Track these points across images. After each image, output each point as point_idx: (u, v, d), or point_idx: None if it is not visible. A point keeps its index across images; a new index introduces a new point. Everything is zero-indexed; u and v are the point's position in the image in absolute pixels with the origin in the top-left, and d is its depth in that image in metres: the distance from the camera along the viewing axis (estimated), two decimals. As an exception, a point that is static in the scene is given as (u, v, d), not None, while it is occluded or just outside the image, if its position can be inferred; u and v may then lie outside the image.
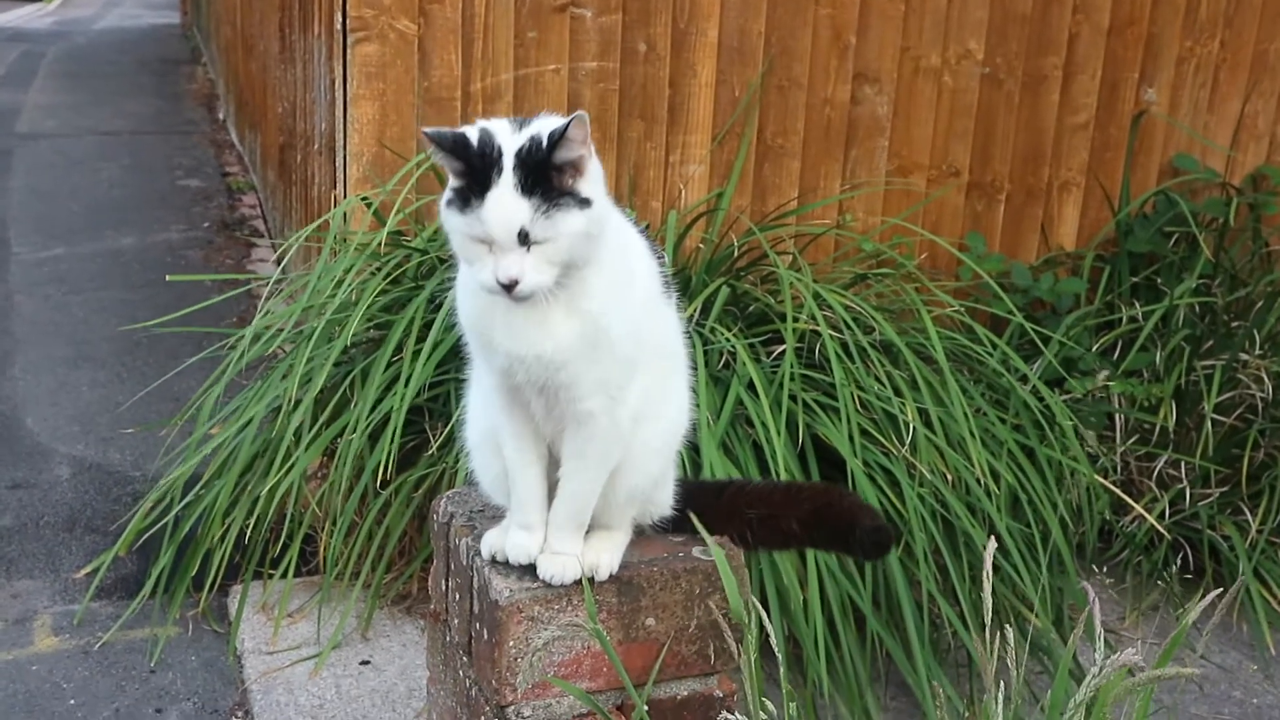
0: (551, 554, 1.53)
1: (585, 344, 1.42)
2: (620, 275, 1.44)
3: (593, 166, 1.38)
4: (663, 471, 1.59)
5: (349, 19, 2.96)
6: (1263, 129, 3.77)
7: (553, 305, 1.39)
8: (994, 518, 2.65)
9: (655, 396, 1.53)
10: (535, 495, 1.53)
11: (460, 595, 1.61)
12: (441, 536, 1.68)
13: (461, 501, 1.71)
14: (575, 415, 1.47)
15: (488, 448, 1.59)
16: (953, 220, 3.54)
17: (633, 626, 1.54)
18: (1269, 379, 3.33)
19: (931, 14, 3.37)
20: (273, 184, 4.78)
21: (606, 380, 1.45)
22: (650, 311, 1.51)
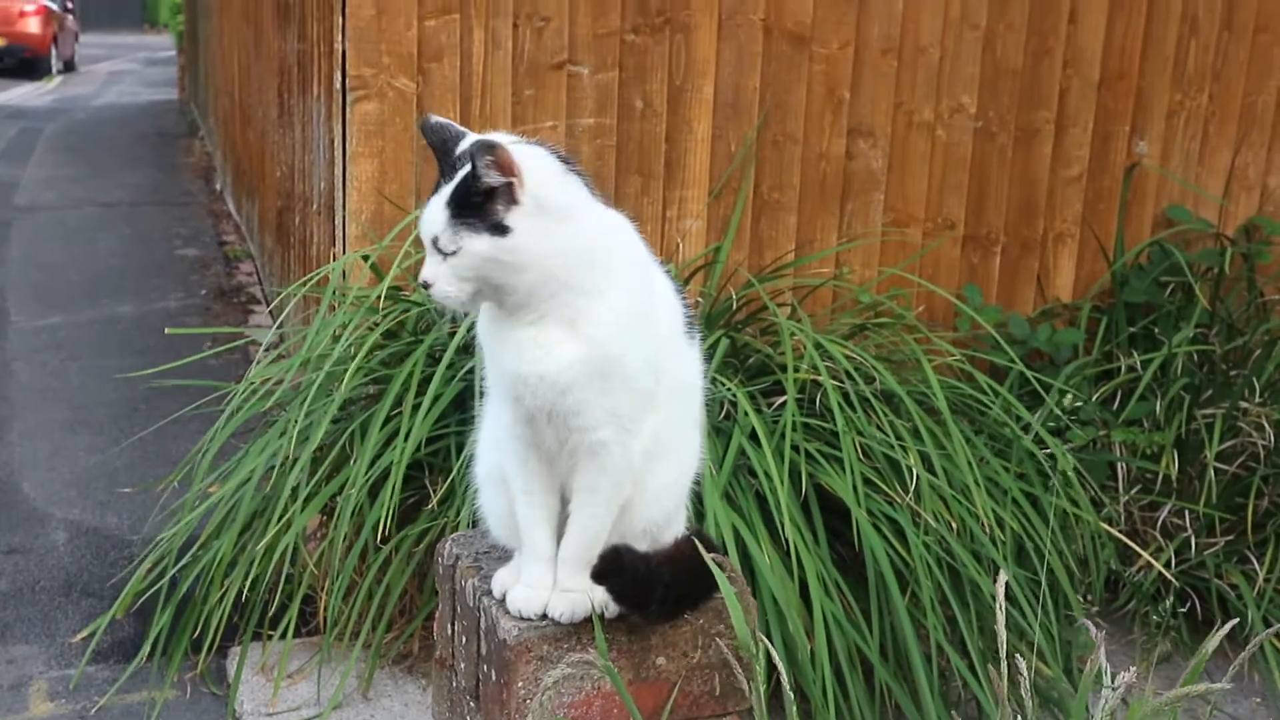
0: (561, 591, 1.51)
1: (592, 371, 1.43)
2: (635, 308, 1.46)
3: (533, 199, 1.38)
4: (675, 508, 1.58)
5: (348, 78, 2.99)
6: (1253, 179, 3.80)
7: (547, 326, 1.42)
8: (1000, 565, 2.62)
9: (670, 433, 1.53)
10: (545, 545, 1.53)
11: (467, 638, 1.59)
12: (447, 579, 1.66)
13: (467, 543, 1.69)
14: (588, 446, 1.47)
15: (496, 485, 1.58)
16: (949, 272, 3.56)
17: (643, 665, 1.51)
18: (1270, 426, 3.33)
19: (924, 69, 3.41)
20: (270, 249, 4.79)
21: (618, 411, 1.45)
22: (671, 350, 1.52)
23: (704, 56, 3.24)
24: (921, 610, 2.54)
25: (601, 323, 1.43)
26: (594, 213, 1.45)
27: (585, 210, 1.44)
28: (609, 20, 3.15)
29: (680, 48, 3.22)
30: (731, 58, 3.26)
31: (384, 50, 3.00)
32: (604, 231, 1.45)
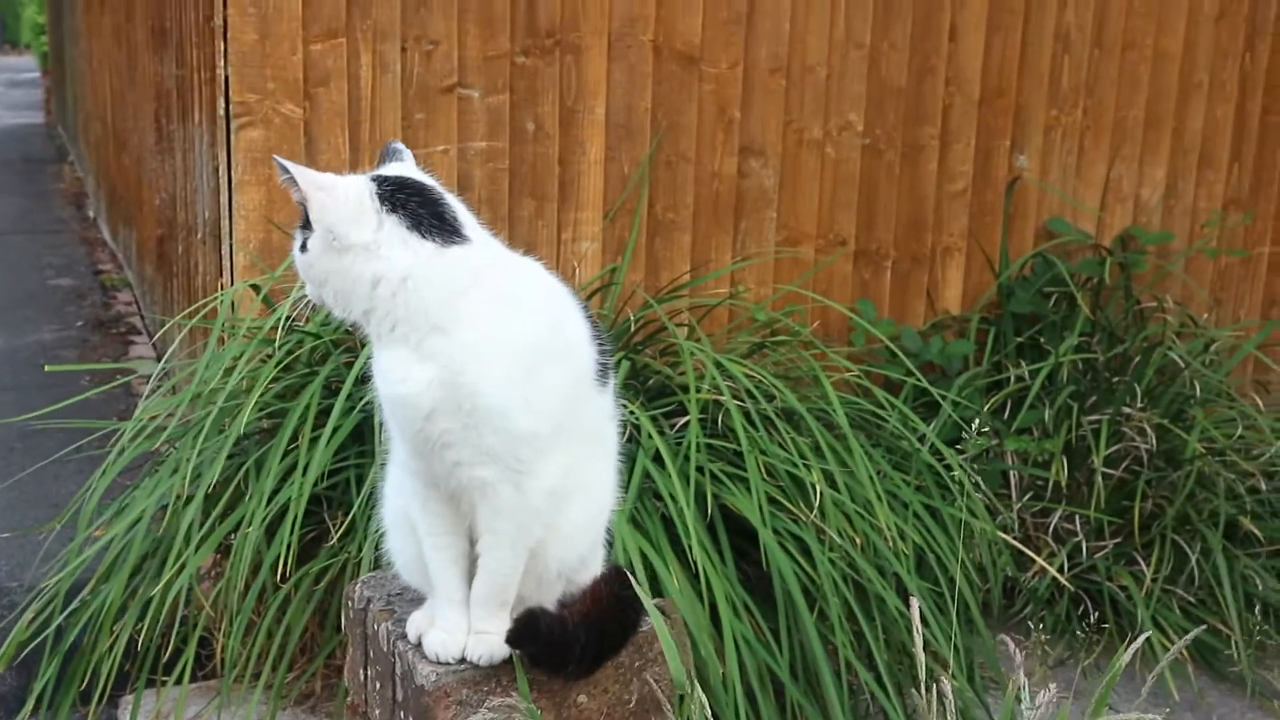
0: (477, 634, 1.48)
1: (449, 399, 1.43)
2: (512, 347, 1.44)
3: (322, 227, 1.45)
4: (590, 550, 1.56)
5: (232, 105, 2.92)
6: (1127, 191, 3.92)
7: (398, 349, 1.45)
8: (904, 578, 2.66)
9: (581, 475, 1.52)
10: (456, 588, 1.50)
11: (381, 684, 1.55)
12: (358, 623, 1.62)
13: (378, 585, 1.65)
14: (472, 484, 1.46)
15: (403, 528, 1.55)
16: (841, 288, 3.60)
17: (564, 705, 1.49)
18: (1152, 431, 3.43)
19: (811, 88, 3.45)
20: (150, 278, 4.66)
21: (496, 451, 1.44)
22: (576, 395, 1.50)
23: (595, 78, 3.23)
24: (829, 627, 2.56)
25: (448, 354, 1.43)
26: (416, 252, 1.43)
27: (395, 249, 1.44)
28: (498, 42, 3.13)
29: (571, 69, 3.21)
30: (622, 79, 3.26)
31: (269, 76, 2.94)
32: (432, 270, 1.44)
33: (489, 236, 1.53)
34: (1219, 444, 3.50)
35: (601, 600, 1.48)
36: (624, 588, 1.51)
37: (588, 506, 1.54)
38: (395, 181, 1.47)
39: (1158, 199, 3.94)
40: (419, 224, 1.44)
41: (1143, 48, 3.83)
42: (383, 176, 1.49)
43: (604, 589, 1.50)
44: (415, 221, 1.44)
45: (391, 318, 1.43)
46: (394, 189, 1.46)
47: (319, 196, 1.43)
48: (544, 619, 1.45)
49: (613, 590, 1.50)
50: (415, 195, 1.46)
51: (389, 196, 1.45)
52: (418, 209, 1.45)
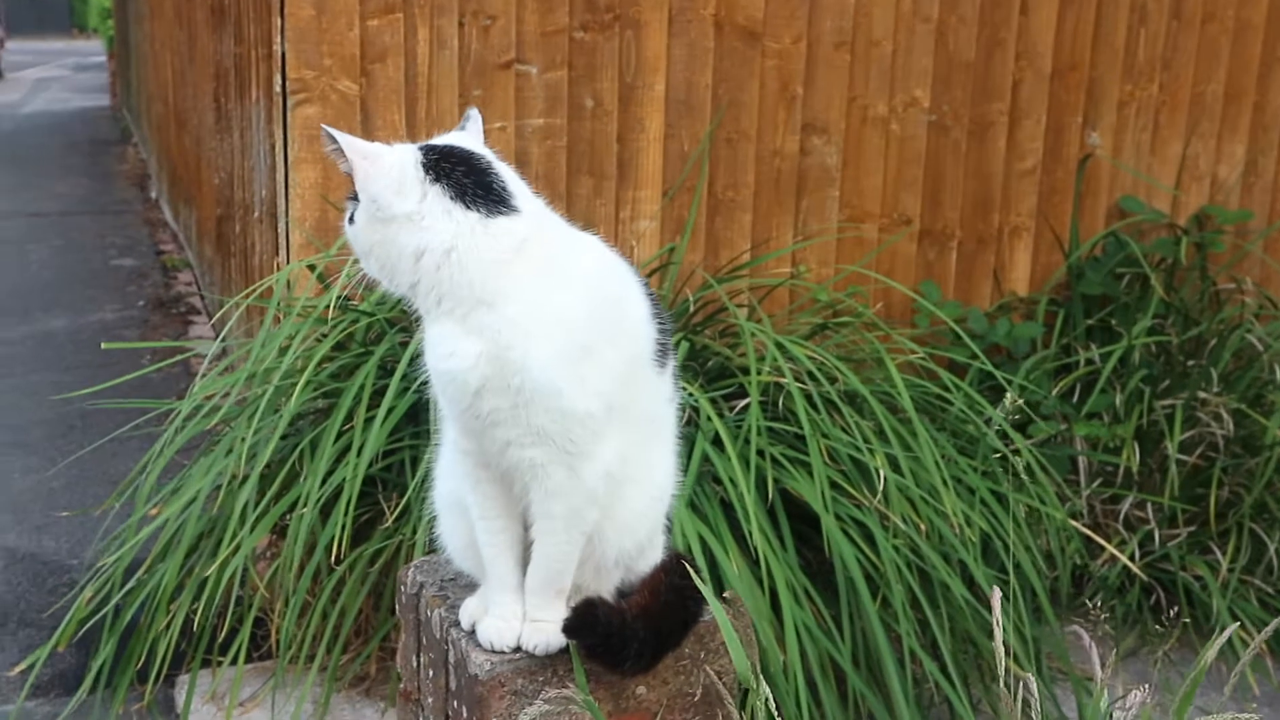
0: (533, 622, 1.44)
1: (496, 373, 1.38)
2: (562, 324, 1.38)
3: (367, 196, 1.41)
4: (650, 536, 1.51)
5: (288, 81, 2.89)
6: (1204, 169, 3.80)
7: (446, 323, 1.41)
8: (970, 566, 2.58)
9: (639, 460, 1.46)
10: (510, 574, 1.46)
11: (435, 671, 1.50)
12: (411, 609, 1.58)
13: (431, 570, 1.61)
14: (523, 465, 1.41)
15: (455, 511, 1.50)
16: (905, 269, 3.52)
17: (622, 696, 1.44)
18: (1228, 416, 3.32)
19: (877, 63, 3.36)
20: (210, 258, 4.66)
21: (546, 430, 1.39)
22: (633, 375, 1.44)
23: (655, 53, 3.17)
24: (892, 615, 2.49)
25: (495, 328, 1.38)
26: (460, 222, 1.39)
27: (440, 219, 1.39)
28: (557, 17, 3.07)
29: (630, 45, 3.15)
30: (683, 54, 3.19)
31: (325, 52, 2.90)
32: (477, 242, 1.39)
33: (544, 208, 1.48)
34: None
35: (660, 592, 1.43)
36: (683, 578, 1.45)
37: (646, 492, 1.48)
38: (442, 150, 1.43)
39: (1236, 176, 3.81)
40: (463, 194, 1.39)
41: (1224, 19, 3.69)
42: (430, 145, 1.44)
43: (662, 579, 1.45)
44: (459, 191, 1.39)
45: (437, 291, 1.39)
46: (439, 158, 1.41)
47: (364, 165, 1.39)
48: (602, 609, 1.39)
49: (672, 581, 1.44)
50: (461, 164, 1.41)
51: (434, 165, 1.40)
52: (463, 178, 1.40)
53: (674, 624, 1.43)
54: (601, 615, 1.38)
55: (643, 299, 1.48)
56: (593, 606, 1.39)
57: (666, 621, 1.42)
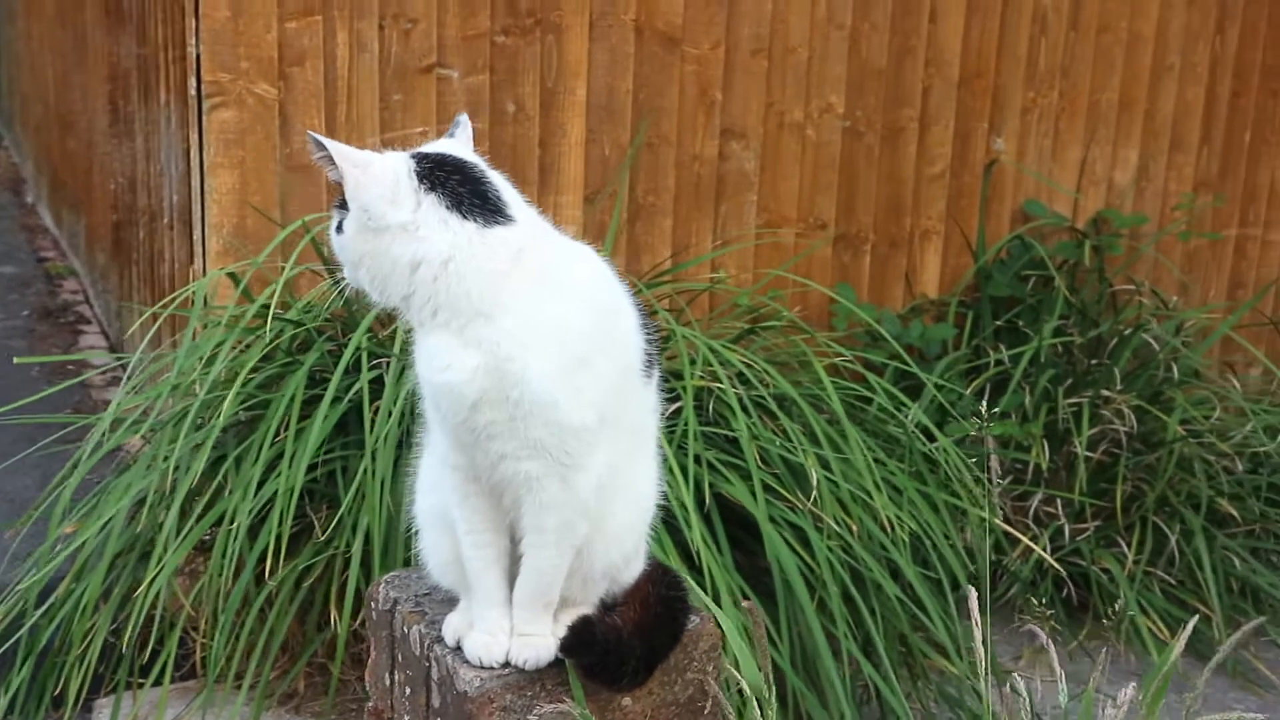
0: (521, 636, 1.42)
1: (494, 385, 1.36)
2: (558, 336, 1.37)
3: (357, 205, 1.39)
4: (635, 548, 1.51)
5: (204, 84, 2.81)
6: (1101, 174, 3.92)
7: (442, 335, 1.39)
8: (902, 566, 2.63)
9: (626, 470, 1.46)
10: (497, 589, 1.44)
11: (412, 689, 1.48)
12: (384, 625, 1.55)
13: (403, 585, 1.58)
14: (517, 478, 1.39)
15: (438, 526, 1.48)
16: (821, 272, 3.56)
17: (609, 708, 1.43)
18: (1130, 413, 3.44)
19: (793, 70, 3.41)
20: (103, 265, 4.51)
21: (542, 443, 1.37)
22: (624, 386, 1.44)
23: (576, 58, 3.16)
24: (828, 615, 2.53)
25: (494, 340, 1.37)
26: (458, 233, 1.37)
27: (435, 230, 1.37)
28: (478, 21, 3.04)
29: (552, 49, 3.13)
30: (604, 59, 3.19)
31: (242, 54, 2.83)
32: (473, 253, 1.37)
33: (536, 217, 1.47)
34: (1196, 426, 3.51)
35: (650, 605, 1.42)
36: (670, 589, 1.45)
37: (633, 503, 1.48)
38: (435, 159, 1.41)
39: (1130, 181, 3.95)
40: (459, 203, 1.37)
41: (1117, 30, 3.82)
42: (422, 154, 1.42)
43: (650, 591, 1.44)
44: (455, 201, 1.37)
45: (433, 303, 1.37)
46: (433, 166, 1.39)
47: (354, 174, 1.36)
48: (600, 627, 1.38)
49: (660, 593, 1.44)
50: (455, 173, 1.39)
51: (427, 174, 1.38)
52: (458, 187, 1.38)
53: (665, 637, 1.43)
54: (599, 633, 1.37)
55: (632, 308, 1.47)
56: (590, 624, 1.38)
57: (659, 635, 1.42)
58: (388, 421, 2.44)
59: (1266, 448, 3.49)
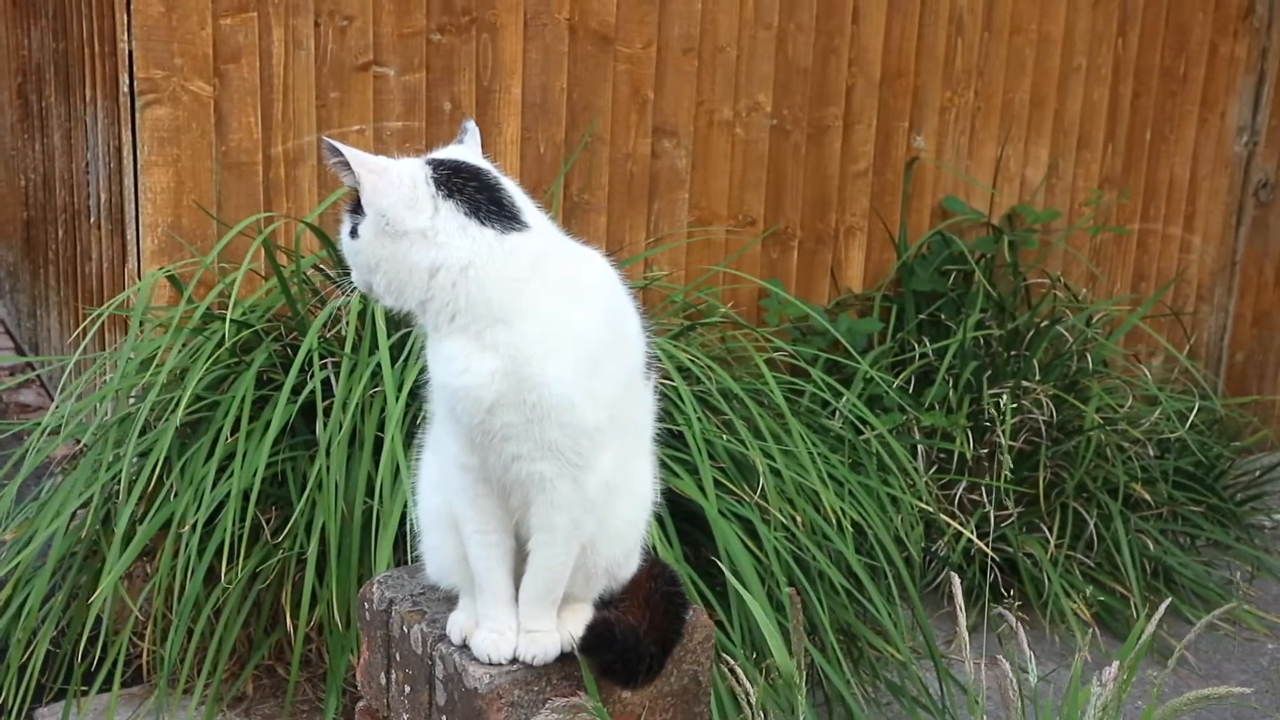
0: (527, 633, 1.44)
1: (511, 389, 1.38)
2: (575, 339, 1.40)
3: (374, 210, 1.41)
4: (635, 544, 1.54)
5: (137, 81, 2.76)
6: (1014, 171, 4.05)
7: (459, 339, 1.40)
8: (846, 555, 2.70)
9: (628, 469, 1.49)
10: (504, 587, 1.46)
11: (413, 687, 1.49)
12: (379, 625, 1.55)
13: (397, 585, 1.59)
14: (530, 478, 1.42)
15: (442, 526, 1.49)
16: (751, 268, 3.62)
17: (609, 701, 1.46)
18: (1049, 402, 3.57)
19: (722, 69, 3.46)
20: (12, 264, 4.38)
21: (557, 444, 1.40)
22: (628, 387, 1.47)
23: (511, 56, 3.17)
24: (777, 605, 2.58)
25: (513, 344, 1.39)
26: (477, 238, 1.39)
27: (454, 235, 1.39)
28: (414, 19, 3.03)
29: (487, 48, 3.14)
30: (538, 58, 3.20)
31: (176, 51, 2.79)
32: (491, 258, 1.39)
33: (547, 222, 1.49)
34: (1109, 414, 3.66)
35: (657, 603, 1.45)
36: (670, 584, 1.48)
37: (634, 502, 1.51)
38: (451, 165, 1.42)
39: (1041, 178, 4.08)
40: (477, 210, 1.39)
41: (1028, 31, 3.95)
42: (437, 160, 1.43)
43: (652, 587, 1.48)
44: (473, 207, 1.39)
45: (451, 307, 1.38)
46: (450, 173, 1.40)
47: (371, 179, 1.37)
48: (618, 627, 1.41)
49: (662, 589, 1.47)
50: (472, 180, 1.41)
51: (445, 181, 1.39)
52: (475, 194, 1.39)
53: (672, 634, 1.46)
54: (618, 633, 1.40)
55: (635, 311, 1.50)
56: (608, 624, 1.41)
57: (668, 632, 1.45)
58: (340, 420, 2.43)
59: (1177, 434, 3.65)
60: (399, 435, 2.36)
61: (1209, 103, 4.32)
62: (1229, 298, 4.60)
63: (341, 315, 2.66)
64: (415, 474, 1.58)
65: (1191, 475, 3.81)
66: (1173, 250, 4.43)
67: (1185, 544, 3.72)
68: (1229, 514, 3.85)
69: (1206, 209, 4.43)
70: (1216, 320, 4.59)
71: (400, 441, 2.35)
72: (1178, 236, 4.44)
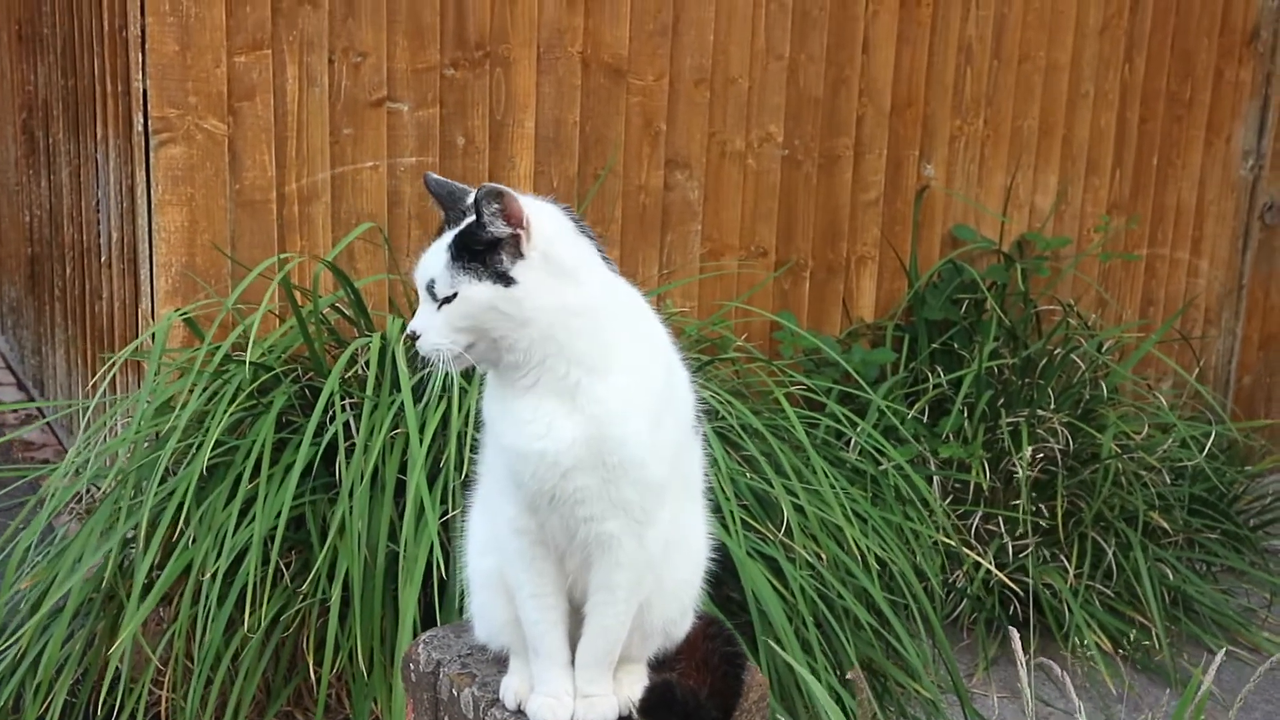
0: (585, 698, 1.41)
1: (594, 454, 1.36)
2: (644, 391, 1.38)
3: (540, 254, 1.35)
4: (690, 602, 1.51)
5: (151, 119, 2.74)
6: (1024, 198, 4.05)
7: (544, 397, 1.36)
8: (871, 591, 2.67)
9: (683, 523, 1.46)
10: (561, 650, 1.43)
11: (463, 751, 1.46)
12: (427, 687, 1.52)
13: (442, 646, 1.56)
14: (597, 539, 1.39)
15: (493, 587, 1.46)
16: (763, 298, 3.61)
17: (667, 763, 1.43)
18: (1063, 430, 3.55)
19: (734, 100, 3.45)
20: (15, 299, 4.35)
21: (627, 502, 1.38)
22: (682, 440, 1.44)
23: (524, 90, 3.15)
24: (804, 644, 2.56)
25: (602, 400, 1.36)
26: (602, 280, 1.38)
27: (592, 274, 1.38)
28: (428, 55, 3.02)
29: (500, 82, 3.13)
30: (551, 91, 3.19)
31: (190, 89, 2.77)
32: (611, 301, 1.38)
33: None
34: (1127, 441, 3.64)
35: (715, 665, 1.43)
36: (727, 644, 1.46)
37: (688, 558, 1.49)
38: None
39: (1050, 205, 4.08)
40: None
41: (1036, 59, 3.95)
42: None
43: (708, 647, 1.45)
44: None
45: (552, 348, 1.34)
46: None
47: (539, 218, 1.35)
48: (679, 689, 1.38)
49: (720, 649, 1.44)
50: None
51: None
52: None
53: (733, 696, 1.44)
54: (679, 694, 1.37)
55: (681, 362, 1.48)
56: (670, 687, 1.38)
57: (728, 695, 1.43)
58: (360, 464, 2.40)
59: (1194, 461, 3.63)
60: (422, 478, 2.33)
61: (1215, 127, 4.32)
62: (1236, 321, 4.59)
63: (359, 356, 2.63)
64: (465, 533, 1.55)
65: (1206, 501, 3.79)
66: (1180, 275, 4.43)
67: (1202, 571, 3.71)
68: (1244, 539, 3.83)
69: (1213, 233, 4.43)
70: (1224, 344, 4.59)
71: (424, 484, 2.32)
72: (1185, 261, 4.43)
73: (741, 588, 2.54)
